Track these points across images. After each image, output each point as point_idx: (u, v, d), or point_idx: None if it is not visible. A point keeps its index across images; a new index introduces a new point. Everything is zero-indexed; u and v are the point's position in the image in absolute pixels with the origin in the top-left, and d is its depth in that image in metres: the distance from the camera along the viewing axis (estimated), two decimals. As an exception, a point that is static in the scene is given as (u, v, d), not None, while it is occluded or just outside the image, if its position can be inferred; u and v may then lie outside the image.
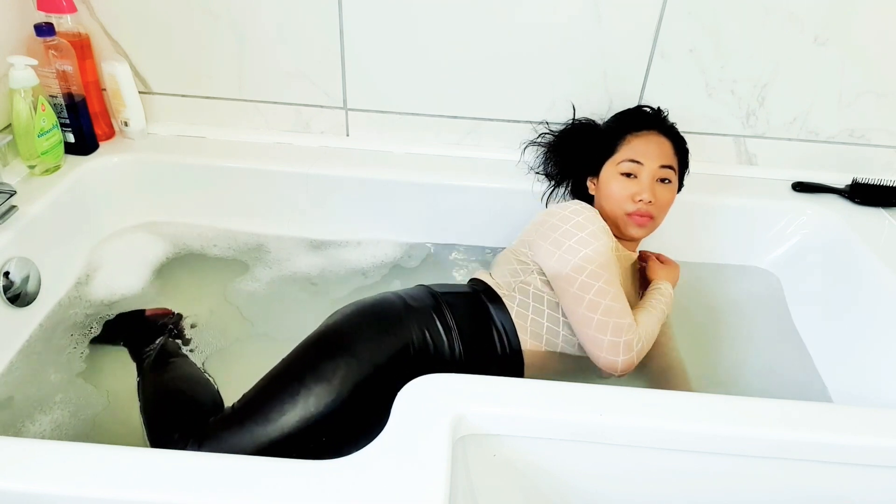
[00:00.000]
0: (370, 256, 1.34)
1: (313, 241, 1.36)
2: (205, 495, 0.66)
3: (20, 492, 0.66)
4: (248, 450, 0.85)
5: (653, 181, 1.07)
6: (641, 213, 1.06)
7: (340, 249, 1.35)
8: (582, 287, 0.96)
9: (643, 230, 1.08)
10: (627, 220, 1.07)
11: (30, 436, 0.93)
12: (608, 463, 0.82)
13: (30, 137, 1.15)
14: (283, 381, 0.90)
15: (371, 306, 0.99)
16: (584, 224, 1.01)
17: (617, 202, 1.07)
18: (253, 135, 1.39)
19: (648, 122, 1.12)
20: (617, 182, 1.08)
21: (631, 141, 1.10)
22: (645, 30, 1.24)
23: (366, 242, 1.37)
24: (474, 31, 1.26)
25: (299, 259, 1.32)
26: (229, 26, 1.28)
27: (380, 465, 0.70)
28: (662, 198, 1.07)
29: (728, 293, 1.32)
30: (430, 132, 1.38)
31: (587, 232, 1.00)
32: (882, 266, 1.15)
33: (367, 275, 1.30)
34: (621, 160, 1.08)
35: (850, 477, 0.82)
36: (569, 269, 0.98)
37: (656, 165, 1.07)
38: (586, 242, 0.99)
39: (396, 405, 0.77)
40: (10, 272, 1.05)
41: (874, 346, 1.10)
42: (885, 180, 1.32)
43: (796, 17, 1.22)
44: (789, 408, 0.81)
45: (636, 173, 1.07)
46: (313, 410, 0.87)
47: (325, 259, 1.33)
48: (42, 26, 1.16)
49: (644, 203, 1.05)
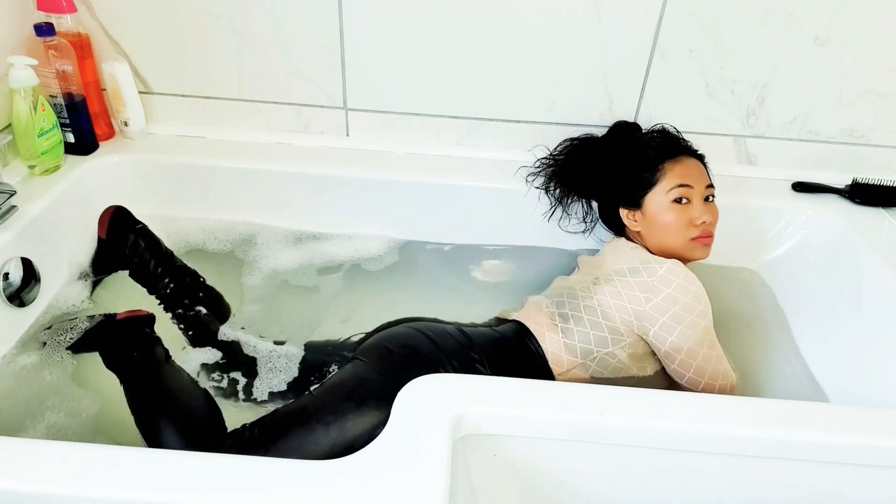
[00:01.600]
0: (370, 256, 1.34)
1: (313, 241, 1.36)
2: (205, 495, 0.66)
3: (20, 492, 0.66)
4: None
5: (703, 201, 1.08)
6: (706, 234, 1.08)
7: (340, 249, 1.35)
8: (699, 368, 0.99)
9: (709, 249, 1.09)
10: (693, 244, 1.08)
11: (25, 435, 0.92)
12: (608, 463, 0.82)
13: (30, 137, 1.15)
14: (302, 420, 0.89)
15: (407, 358, 0.96)
16: (700, 294, 1.00)
17: (678, 230, 1.07)
18: (253, 135, 1.39)
19: (679, 148, 1.13)
20: (673, 211, 1.08)
21: (673, 168, 1.10)
22: (645, 30, 1.24)
23: (365, 242, 1.37)
24: (474, 31, 1.26)
25: (299, 259, 1.32)
26: (229, 26, 1.28)
27: (380, 465, 0.70)
28: (716, 215, 1.10)
29: (728, 293, 1.31)
30: (430, 132, 1.38)
31: (703, 302, 1.00)
32: (882, 266, 1.15)
33: (366, 274, 1.30)
34: (671, 188, 1.08)
35: (850, 477, 0.82)
36: (691, 344, 0.98)
37: (703, 186, 1.09)
38: (704, 314, 0.99)
39: (396, 405, 0.77)
40: (9, 272, 1.05)
41: (874, 346, 1.10)
42: (885, 180, 1.32)
43: (796, 17, 1.22)
44: (789, 408, 0.81)
45: (688, 197, 1.08)
46: (325, 452, 0.87)
47: (325, 259, 1.33)
48: (42, 26, 1.16)
49: (707, 224, 1.07)
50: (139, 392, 0.96)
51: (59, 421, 0.96)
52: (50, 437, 0.93)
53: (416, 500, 0.67)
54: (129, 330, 1.05)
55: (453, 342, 0.99)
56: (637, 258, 1.07)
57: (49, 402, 0.98)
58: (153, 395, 0.96)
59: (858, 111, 1.32)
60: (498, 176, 1.33)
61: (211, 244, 1.32)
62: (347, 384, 0.93)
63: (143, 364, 1.00)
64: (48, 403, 0.98)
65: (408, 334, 1.00)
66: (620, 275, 1.05)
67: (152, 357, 1.02)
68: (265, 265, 1.30)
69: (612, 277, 1.05)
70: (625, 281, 1.03)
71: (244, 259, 1.30)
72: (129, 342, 1.03)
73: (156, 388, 0.97)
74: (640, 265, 1.04)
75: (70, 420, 0.96)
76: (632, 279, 1.02)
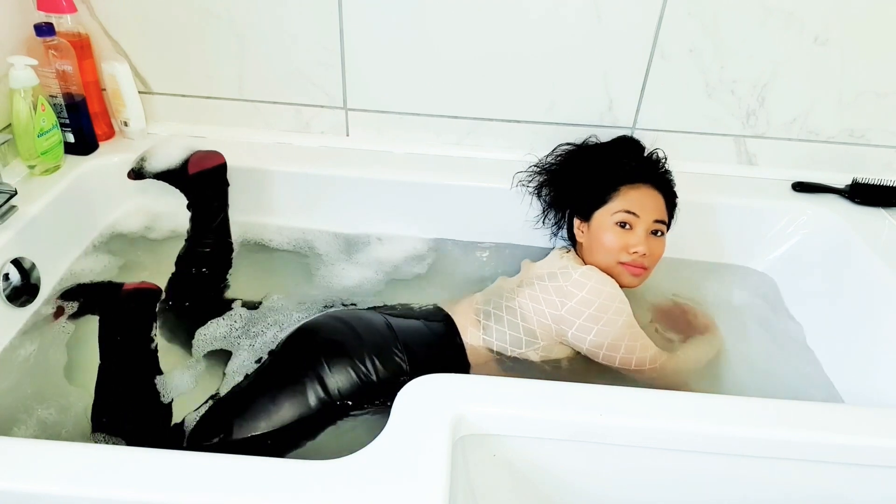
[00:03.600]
0: (369, 256, 1.34)
1: (313, 240, 1.36)
2: (205, 495, 0.66)
3: (20, 492, 0.66)
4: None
5: (647, 234, 1.09)
6: (636, 265, 1.08)
7: (340, 248, 1.35)
8: (624, 359, 1.03)
9: (637, 280, 1.10)
10: (622, 269, 1.09)
11: (19, 435, 0.92)
12: (608, 463, 0.82)
13: (30, 137, 1.15)
14: (237, 410, 0.92)
15: (327, 348, 0.99)
16: (613, 293, 1.03)
17: (610, 252, 1.09)
18: (253, 135, 1.39)
19: (644, 175, 1.14)
20: (612, 232, 1.09)
21: (627, 193, 1.11)
22: (645, 30, 1.24)
23: (364, 242, 1.37)
24: (474, 31, 1.26)
25: (299, 258, 1.32)
26: (229, 26, 1.28)
27: (380, 465, 0.70)
28: (656, 250, 1.10)
29: (728, 293, 1.32)
30: (430, 132, 1.38)
31: (619, 300, 1.03)
32: (882, 266, 1.15)
33: (366, 274, 1.30)
34: (617, 210, 1.10)
35: (850, 477, 0.82)
36: (610, 340, 1.02)
37: (651, 219, 1.09)
38: (621, 310, 1.02)
39: (396, 405, 0.77)
40: (9, 272, 1.05)
41: (874, 346, 1.10)
42: (885, 180, 1.32)
43: (796, 17, 1.22)
44: (789, 408, 0.81)
45: (632, 224, 1.09)
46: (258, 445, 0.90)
47: (325, 258, 1.32)
48: (42, 26, 1.16)
49: (639, 255, 1.08)
50: (109, 373, 0.99)
51: (49, 416, 0.96)
52: (43, 433, 0.93)
53: (416, 500, 0.67)
54: (132, 304, 1.07)
55: (377, 335, 1.01)
56: (557, 264, 1.10)
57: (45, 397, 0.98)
58: (120, 381, 0.98)
59: (858, 111, 1.32)
60: (498, 176, 1.32)
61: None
62: (267, 375, 0.96)
63: (125, 347, 1.02)
64: (41, 398, 0.98)
65: (328, 324, 1.02)
66: (540, 279, 1.08)
67: (136, 342, 1.03)
68: (264, 264, 1.30)
69: (533, 282, 1.09)
70: (543, 285, 1.06)
71: (243, 258, 1.30)
72: (126, 318, 1.05)
73: (126, 374, 0.99)
74: (558, 270, 1.07)
75: (61, 416, 0.96)
76: (549, 284, 1.06)
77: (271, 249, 1.34)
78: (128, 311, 1.06)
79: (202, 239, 1.20)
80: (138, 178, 1.24)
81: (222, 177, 1.23)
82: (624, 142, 1.24)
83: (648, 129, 1.35)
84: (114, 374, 0.98)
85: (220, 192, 1.23)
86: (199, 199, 1.22)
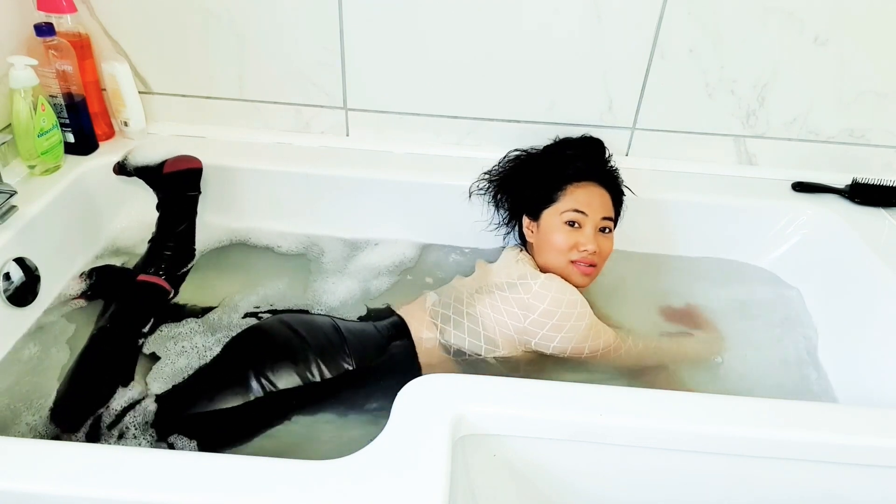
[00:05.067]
0: (369, 256, 1.34)
1: (312, 239, 1.36)
2: (205, 495, 0.66)
3: (20, 492, 0.66)
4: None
5: (595, 231, 1.10)
6: (586, 262, 1.09)
7: (339, 248, 1.35)
8: (590, 355, 1.05)
9: (588, 278, 1.11)
10: (572, 268, 1.09)
11: (21, 435, 0.92)
12: (608, 463, 0.82)
13: (30, 137, 1.15)
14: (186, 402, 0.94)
15: (270, 351, 1.00)
16: (574, 300, 1.03)
17: (560, 251, 1.10)
18: (253, 135, 1.39)
19: (590, 173, 1.15)
20: (561, 231, 1.10)
21: (573, 191, 1.12)
22: (645, 30, 1.24)
23: (363, 242, 1.37)
24: (474, 31, 1.26)
25: (299, 258, 1.32)
26: (229, 26, 1.28)
27: (380, 465, 0.70)
28: (605, 248, 1.11)
29: (728, 293, 1.31)
30: (430, 132, 1.38)
31: (580, 305, 1.04)
32: (882, 266, 1.15)
33: (365, 273, 1.30)
34: (565, 210, 1.10)
35: (850, 477, 0.82)
36: (575, 343, 1.03)
37: (599, 217, 1.10)
38: (583, 315, 1.03)
39: (396, 405, 0.77)
40: (9, 272, 1.05)
41: (874, 347, 1.10)
42: (885, 180, 1.32)
43: (796, 17, 1.22)
44: (789, 408, 0.81)
45: (580, 223, 1.10)
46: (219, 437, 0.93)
47: (324, 257, 1.32)
48: (42, 26, 1.16)
49: (588, 253, 1.08)
50: (92, 354, 1.01)
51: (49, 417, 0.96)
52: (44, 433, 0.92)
53: (415, 500, 0.67)
54: (142, 295, 1.10)
55: (324, 339, 1.01)
56: (516, 273, 1.10)
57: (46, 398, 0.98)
58: (97, 363, 1.00)
59: (858, 111, 1.32)
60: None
61: (208, 244, 1.32)
62: (214, 365, 0.99)
63: (116, 332, 1.04)
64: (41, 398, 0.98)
65: (273, 328, 1.03)
66: (500, 289, 1.08)
67: (125, 337, 1.04)
68: (263, 264, 1.30)
69: (492, 290, 1.09)
70: (503, 296, 1.06)
71: (242, 258, 1.30)
72: (135, 307, 1.08)
73: (97, 367, 1.00)
74: (517, 281, 1.07)
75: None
76: (510, 295, 1.05)
77: (271, 250, 1.34)
78: (135, 303, 1.08)
79: (165, 241, 1.19)
80: (122, 172, 1.26)
81: (195, 181, 1.24)
82: (570, 141, 1.25)
83: (648, 129, 1.35)
84: (88, 363, 1.00)
85: (189, 197, 1.23)
86: (167, 200, 1.22)
